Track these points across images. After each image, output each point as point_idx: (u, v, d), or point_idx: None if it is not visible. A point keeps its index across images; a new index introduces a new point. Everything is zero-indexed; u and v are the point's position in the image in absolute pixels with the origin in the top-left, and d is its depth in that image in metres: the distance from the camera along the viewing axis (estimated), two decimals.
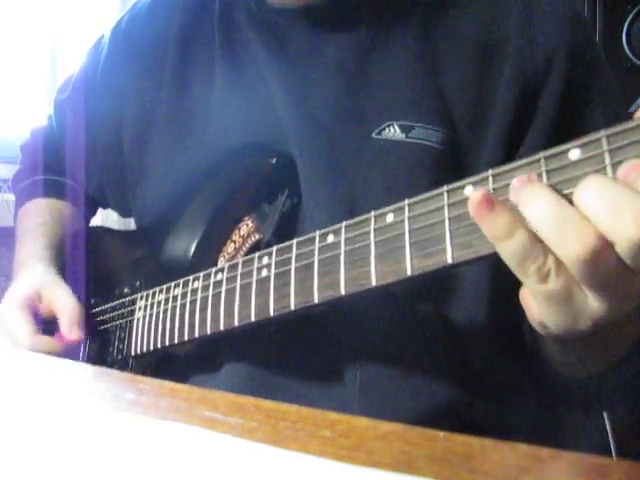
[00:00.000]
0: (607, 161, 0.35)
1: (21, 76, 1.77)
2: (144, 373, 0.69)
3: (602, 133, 0.36)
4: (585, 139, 0.36)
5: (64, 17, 1.83)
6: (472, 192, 0.40)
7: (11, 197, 0.97)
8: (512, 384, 0.64)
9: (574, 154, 0.37)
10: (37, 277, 0.75)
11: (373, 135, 0.62)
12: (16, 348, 0.70)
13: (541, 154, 0.38)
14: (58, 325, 0.72)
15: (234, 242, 0.65)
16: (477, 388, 0.62)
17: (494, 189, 0.40)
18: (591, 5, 1.54)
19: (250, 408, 0.38)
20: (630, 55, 1.52)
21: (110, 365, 0.72)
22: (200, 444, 0.32)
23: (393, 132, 0.61)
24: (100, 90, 0.83)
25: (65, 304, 0.72)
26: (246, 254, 0.63)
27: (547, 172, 0.37)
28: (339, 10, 0.66)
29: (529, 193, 0.37)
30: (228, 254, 0.65)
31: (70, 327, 0.71)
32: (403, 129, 0.61)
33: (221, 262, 0.64)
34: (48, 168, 0.91)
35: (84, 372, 0.54)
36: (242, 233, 0.65)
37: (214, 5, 0.73)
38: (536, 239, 0.37)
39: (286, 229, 0.63)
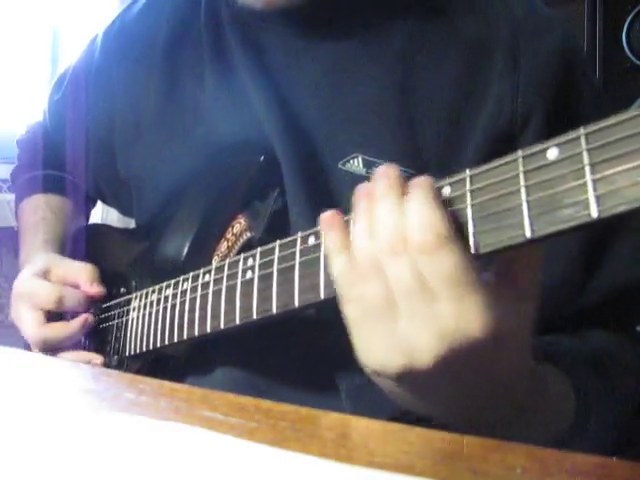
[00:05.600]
0: (586, 161, 0.34)
1: (21, 76, 1.77)
2: (138, 374, 0.69)
3: (581, 131, 0.35)
4: (563, 138, 0.35)
5: (64, 18, 1.83)
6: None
7: (11, 197, 0.97)
8: None
9: (552, 154, 0.36)
10: (44, 259, 0.76)
11: (339, 165, 0.61)
12: (38, 313, 0.71)
13: (520, 153, 0.37)
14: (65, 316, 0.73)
15: (227, 240, 0.65)
16: None
17: (471, 191, 0.39)
18: (591, 5, 1.55)
19: (250, 408, 0.38)
20: (630, 55, 1.52)
21: (107, 365, 0.72)
22: (200, 444, 0.32)
23: (356, 165, 0.60)
24: (92, 93, 0.83)
25: (80, 266, 0.74)
26: (238, 253, 0.63)
27: (525, 173, 0.36)
28: (315, 19, 0.64)
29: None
30: (221, 252, 0.65)
31: (90, 283, 0.72)
32: (365, 164, 0.60)
33: (215, 261, 0.64)
34: (47, 163, 0.91)
35: (83, 372, 0.54)
36: (235, 231, 0.64)
37: (200, 6, 0.73)
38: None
39: (278, 227, 0.62)
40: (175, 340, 0.61)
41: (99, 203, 0.99)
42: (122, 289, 0.75)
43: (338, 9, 0.64)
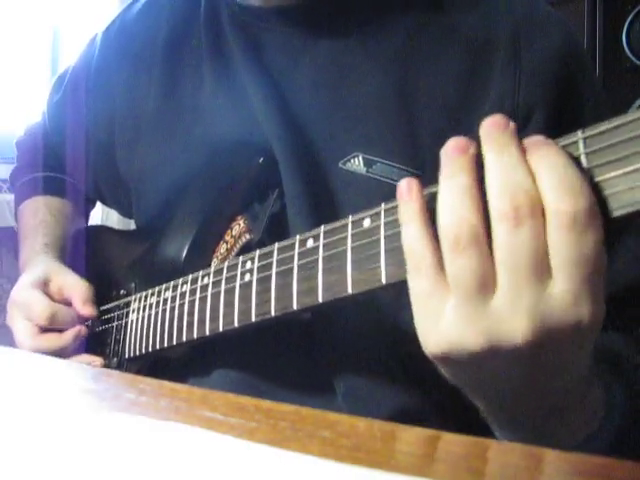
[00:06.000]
0: (584, 164, 0.34)
1: (21, 76, 1.77)
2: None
3: (579, 135, 0.35)
4: (561, 141, 0.35)
5: (64, 18, 1.83)
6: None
7: (11, 197, 0.98)
8: None
9: None
10: (43, 266, 0.77)
11: (339, 164, 0.61)
12: (32, 324, 0.72)
13: None
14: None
15: (226, 242, 0.65)
16: (461, 398, 0.61)
17: None
18: (591, 5, 1.55)
19: (250, 408, 0.38)
20: (630, 55, 1.52)
21: (106, 367, 0.72)
22: (200, 444, 0.32)
23: (357, 164, 0.60)
24: (92, 93, 0.83)
25: (75, 284, 0.75)
26: (238, 255, 0.63)
27: None
28: (314, 16, 0.64)
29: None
30: (221, 255, 0.65)
31: (82, 304, 0.73)
32: (366, 162, 0.60)
33: (214, 263, 0.64)
34: (47, 165, 0.91)
35: (83, 372, 0.54)
36: (234, 233, 0.64)
37: (200, 6, 0.73)
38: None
39: (277, 229, 0.62)
40: (174, 342, 0.61)
41: (99, 204, 0.99)
42: (122, 291, 0.75)
43: (337, 6, 0.64)
